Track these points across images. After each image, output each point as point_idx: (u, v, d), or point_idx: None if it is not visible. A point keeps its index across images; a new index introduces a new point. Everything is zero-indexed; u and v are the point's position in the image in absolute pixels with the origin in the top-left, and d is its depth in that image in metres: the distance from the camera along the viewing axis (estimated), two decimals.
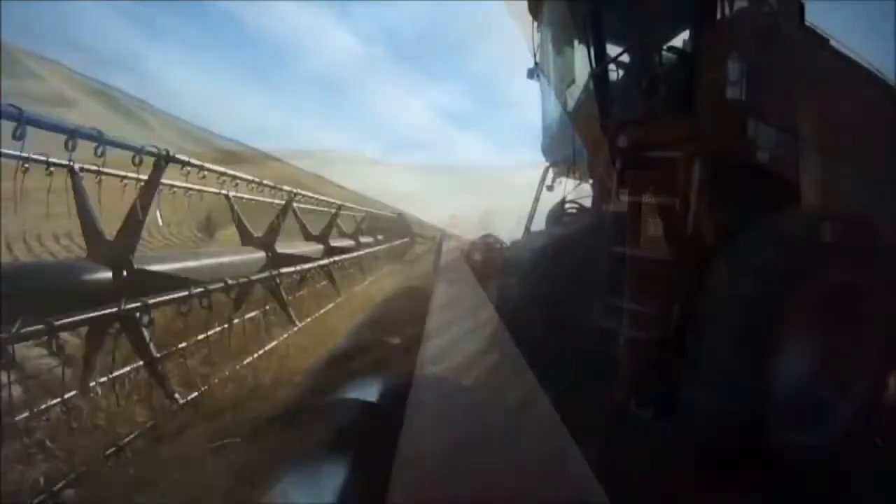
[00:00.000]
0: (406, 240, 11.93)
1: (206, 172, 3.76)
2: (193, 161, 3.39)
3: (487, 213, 4.81)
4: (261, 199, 5.59)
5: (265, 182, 5.22)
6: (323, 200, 7.33)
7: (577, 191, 5.09)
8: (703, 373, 2.35)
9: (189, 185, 4.07)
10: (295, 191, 5.39)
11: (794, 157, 3.00)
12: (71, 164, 2.61)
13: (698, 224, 2.57)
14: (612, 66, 3.76)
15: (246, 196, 5.29)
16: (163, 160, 2.89)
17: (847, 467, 2.62)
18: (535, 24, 4.80)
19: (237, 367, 3.28)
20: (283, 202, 5.06)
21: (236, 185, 4.46)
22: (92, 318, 2.18)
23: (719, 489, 2.31)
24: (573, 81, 4.40)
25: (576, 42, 4.31)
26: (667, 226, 2.71)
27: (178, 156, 3.10)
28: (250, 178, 4.84)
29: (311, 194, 6.84)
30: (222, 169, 4.17)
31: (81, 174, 2.65)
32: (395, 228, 11.27)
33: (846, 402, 2.74)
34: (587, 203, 4.73)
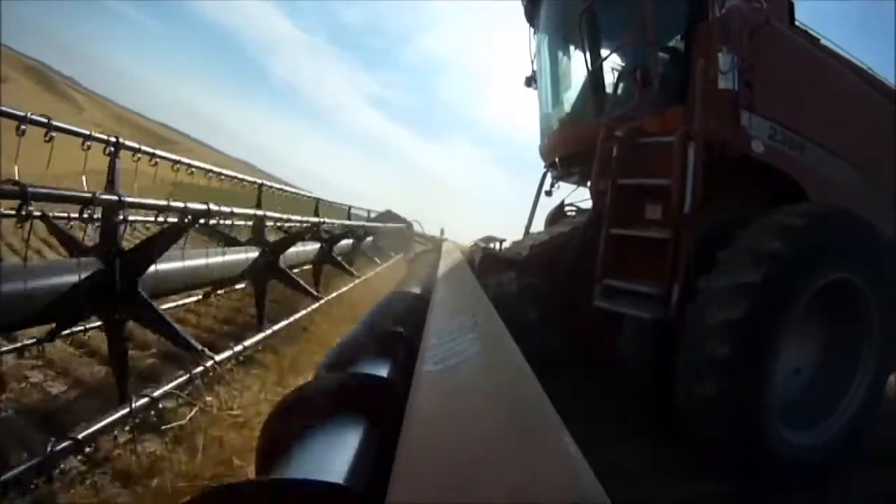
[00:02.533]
0: (405, 234, 11.94)
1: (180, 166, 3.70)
2: (144, 148, 3.22)
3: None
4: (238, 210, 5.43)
5: (240, 177, 5.17)
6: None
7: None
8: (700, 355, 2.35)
9: (171, 204, 3.95)
10: (266, 183, 5.28)
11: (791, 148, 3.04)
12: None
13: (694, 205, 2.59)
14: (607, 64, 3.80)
15: (225, 208, 5.18)
16: (115, 147, 2.77)
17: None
18: (532, 30, 4.84)
19: None
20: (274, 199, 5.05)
21: (209, 176, 4.44)
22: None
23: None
24: (570, 86, 4.45)
25: (572, 47, 4.35)
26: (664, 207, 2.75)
27: (129, 143, 2.97)
28: (218, 170, 4.76)
29: (286, 188, 6.80)
30: (261, 212, 4.17)
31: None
32: (392, 228, 11.27)
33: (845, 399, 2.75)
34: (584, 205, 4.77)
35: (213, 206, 2.98)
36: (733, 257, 2.44)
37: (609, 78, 3.83)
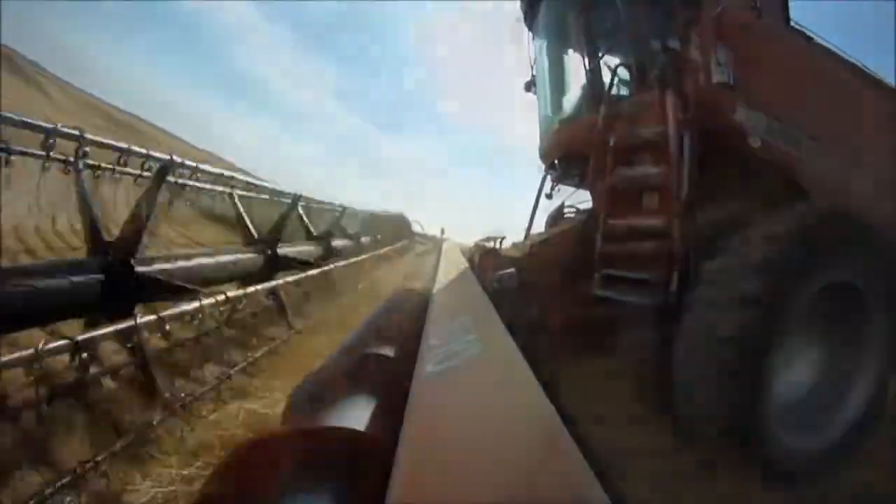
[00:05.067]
0: (405, 241, 11.92)
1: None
2: (202, 167, 3.42)
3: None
4: (263, 196, 5.75)
5: (266, 184, 5.35)
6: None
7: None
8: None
9: (196, 184, 4.09)
10: (299, 193, 5.40)
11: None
12: (77, 159, 2.61)
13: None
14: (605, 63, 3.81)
15: (249, 194, 5.35)
16: (167, 165, 2.88)
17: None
18: (531, 34, 4.83)
19: None
20: (289, 202, 5.12)
21: (232, 185, 4.51)
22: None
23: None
24: (568, 87, 4.45)
25: (570, 50, 4.36)
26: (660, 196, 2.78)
27: (185, 161, 3.09)
28: (257, 181, 4.93)
29: (313, 197, 6.90)
30: (228, 172, 4.28)
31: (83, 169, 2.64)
32: (394, 228, 11.26)
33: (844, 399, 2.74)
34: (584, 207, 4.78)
35: (176, 158, 2.99)
36: (727, 263, 2.44)
37: (606, 75, 3.84)
